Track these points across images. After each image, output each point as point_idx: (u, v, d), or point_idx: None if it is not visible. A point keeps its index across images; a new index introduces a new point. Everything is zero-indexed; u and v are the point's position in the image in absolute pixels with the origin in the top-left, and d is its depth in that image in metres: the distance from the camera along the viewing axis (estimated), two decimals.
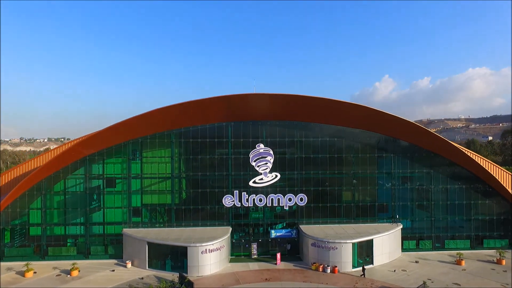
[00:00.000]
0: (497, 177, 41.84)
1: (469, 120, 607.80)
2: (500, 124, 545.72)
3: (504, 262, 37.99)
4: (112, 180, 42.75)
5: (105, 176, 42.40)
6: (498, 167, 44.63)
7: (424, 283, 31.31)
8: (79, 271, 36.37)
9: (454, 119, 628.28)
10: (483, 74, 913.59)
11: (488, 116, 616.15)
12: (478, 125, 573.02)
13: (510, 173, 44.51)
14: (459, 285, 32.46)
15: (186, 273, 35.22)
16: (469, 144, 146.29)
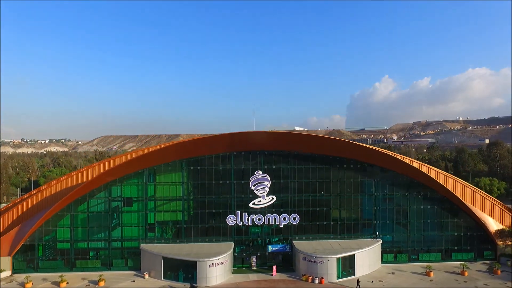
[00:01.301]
0: (462, 197, 48.39)
1: (467, 122, 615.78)
2: (498, 127, 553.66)
3: (466, 273, 44.43)
4: (130, 201, 49.30)
5: (123, 197, 48.98)
6: (465, 185, 50.78)
7: (358, 281, 38.52)
8: (105, 281, 42.85)
9: (452, 121, 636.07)
10: (483, 74, 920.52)
11: (486, 118, 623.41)
12: (475, 127, 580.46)
13: (476, 191, 50.88)
14: None
15: (196, 283, 41.72)
16: (459, 152, 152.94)
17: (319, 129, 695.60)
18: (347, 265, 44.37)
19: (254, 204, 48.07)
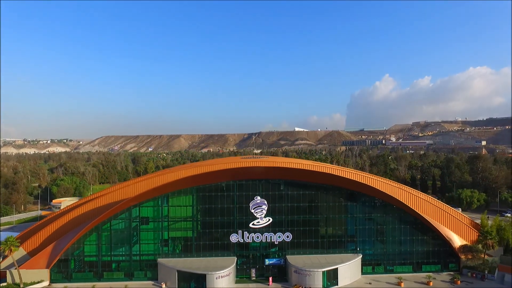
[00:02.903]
0: (432, 216, 56.66)
1: (465, 123, 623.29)
2: (494, 128, 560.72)
3: (431, 283, 52.86)
4: (147, 220, 57.81)
5: (141, 217, 57.46)
6: (435, 205, 58.78)
7: None
8: None
9: (451, 122, 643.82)
10: (484, 73, 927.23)
11: (484, 119, 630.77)
12: (473, 128, 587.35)
13: (445, 210, 59.03)
14: None
15: None
16: (449, 161, 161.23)
17: (319, 129, 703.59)
18: (332, 277, 52.79)
19: (253, 224, 56.60)
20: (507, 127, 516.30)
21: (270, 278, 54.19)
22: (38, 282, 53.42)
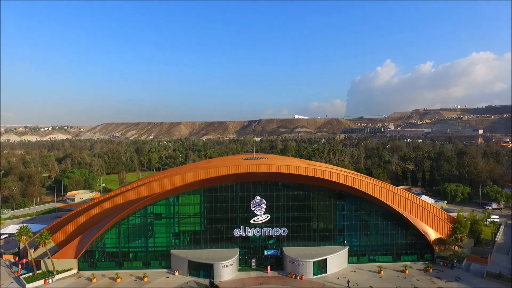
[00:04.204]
0: (411, 212, 64.69)
1: (464, 111, 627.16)
2: (492, 117, 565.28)
3: (407, 271, 61.27)
4: (160, 216, 65.84)
5: (155, 213, 65.48)
6: (414, 202, 66.80)
7: (348, 281, 55.26)
8: (147, 277, 59.80)
9: (450, 109, 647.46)
10: (486, 58, 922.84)
11: (483, 107, 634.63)
12: (472, 116, 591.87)
13: (423, 207, 67.04)
14: (372, 286, 55.97)
15: (213, 279, 58.64)
16: (440, 155, 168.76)
17: (318, 117, 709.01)
18: (321, 266, 61.16)
19: (254, 220, 64.65)
20: (505, 115, 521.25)
21: (268, 267, 62.57)
22: (68, 270, 61.87)
